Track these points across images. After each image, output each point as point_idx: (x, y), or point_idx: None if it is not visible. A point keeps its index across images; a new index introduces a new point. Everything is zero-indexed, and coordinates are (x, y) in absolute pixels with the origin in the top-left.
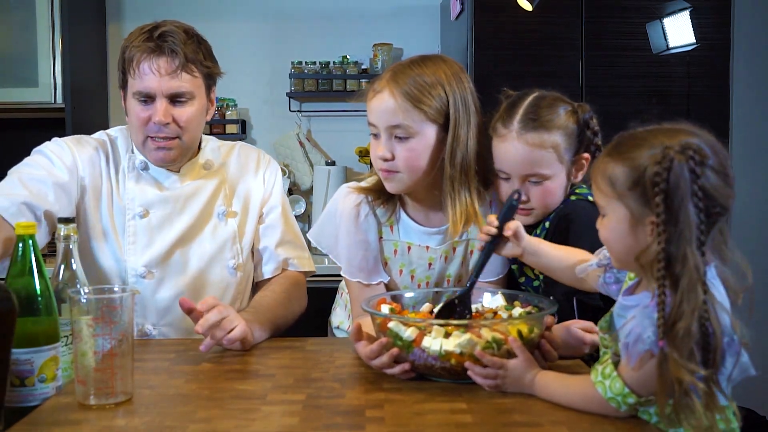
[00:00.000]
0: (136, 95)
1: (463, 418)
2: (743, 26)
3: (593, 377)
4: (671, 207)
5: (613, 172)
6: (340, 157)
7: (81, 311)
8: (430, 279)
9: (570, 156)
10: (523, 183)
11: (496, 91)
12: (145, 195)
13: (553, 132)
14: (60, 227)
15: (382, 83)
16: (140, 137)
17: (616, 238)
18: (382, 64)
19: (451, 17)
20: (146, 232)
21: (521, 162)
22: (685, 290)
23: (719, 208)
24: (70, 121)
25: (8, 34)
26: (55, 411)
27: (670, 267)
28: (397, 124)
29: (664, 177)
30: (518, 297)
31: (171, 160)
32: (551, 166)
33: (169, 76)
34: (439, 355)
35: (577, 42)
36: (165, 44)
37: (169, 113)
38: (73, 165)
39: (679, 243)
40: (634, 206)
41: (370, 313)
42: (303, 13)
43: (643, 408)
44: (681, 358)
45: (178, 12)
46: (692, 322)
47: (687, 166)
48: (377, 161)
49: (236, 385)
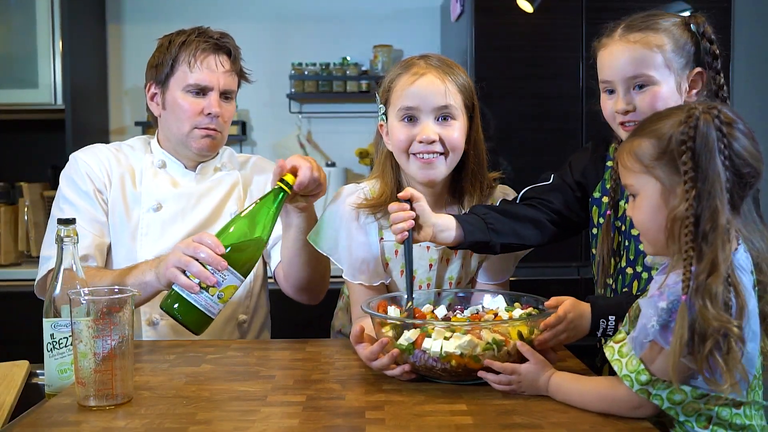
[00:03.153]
0: (190, 87)
1: (463, 419)
2: (743, 27)
3: (609, 355)
4: (699, 164)
5: (639, 148)
6: (340, 158)
7: (81, 313)
8: (431, 280)
9: (680, 65)
10: (627, 92)
11: (496, 93)
12: (160, 189)
13: (659, 33)
14: (60, 228)
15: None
16: (187, 127)
17: (650, 217)
18: (382, 65)
19: (451, 19)
20: (159, 225)
21: (624, 62)
22: (719, 244)
23: (750, 169)
24: (70, 122)
25: (8, 35)
26: (55, 412)
27: (699, 224)
28: (444, 105)
29: (691, 135)
30: (519, 298)
31: (213, 149)
32: (657, 68)
33: (228, 74)
34: (439, 356)
35: (577, 43)
36: (227, 44)
37: (220, 107)
38: (95, 188)
39: (709, 199)
40: (663, 176)
41: (371, 315)
42: (303, 14)
43: (656, 391)
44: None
45: (178, 13)
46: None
47: (713, 124)
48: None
49: (236, 387)
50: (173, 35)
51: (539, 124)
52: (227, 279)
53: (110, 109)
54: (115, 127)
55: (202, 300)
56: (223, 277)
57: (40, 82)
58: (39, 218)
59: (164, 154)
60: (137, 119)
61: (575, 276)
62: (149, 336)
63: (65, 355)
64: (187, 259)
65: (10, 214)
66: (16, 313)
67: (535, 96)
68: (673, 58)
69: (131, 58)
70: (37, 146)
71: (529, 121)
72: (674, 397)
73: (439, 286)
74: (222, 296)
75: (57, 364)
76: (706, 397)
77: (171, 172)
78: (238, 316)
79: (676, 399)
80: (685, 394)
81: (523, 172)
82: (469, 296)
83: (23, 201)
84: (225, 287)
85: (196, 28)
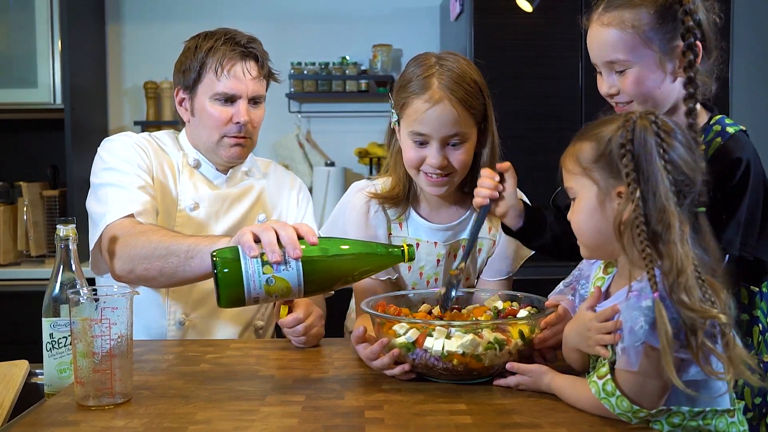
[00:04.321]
0: (218, 96)
1: (462, 419)
2: (742, 26)
3: (595, 393)
4: (640, 166)
5: (579, 151)
6: (339, 157)
7: (80, 312)
8: (438, 276)
9: (663, 40)
10: (609, 75)
11: (495, 93)
12: (198, 190)
13: (637, 8)
14: (59, 228)
15: (437, 93)
16: (215, 136)
17: (585, 219)
18: (381, 65)
19: (450, 18)
20: (194, 224)
21: (598, 47)
22: (676, 241)
23: (684, 178)
24: (69, 121)
25: (7, 34)
26: (54, 412)
27: (649, 224)
28: (455, 133)
29: (629, 138)
30: (517, 297)
31: (242, 157)
32: (632, 50)
33: (256, 80)
34: (441, 355)
35: (576, 42)
36: (254, 50)
37: (249, 114)
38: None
39: (656, 199)
40: (600, 179)
41: (370, 314)
42: (302, 13)
43: (654, 419)
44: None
45: (178, 12)
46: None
47: (651, 128)
48: (427, 167)
49: (235, 386)
50: (200, 39)
51: (538, 124)
52: (290, 270)
53: (109, 109)
54: (114, 126)
55: (250, 269)
56: (287, 265)
57: (39, 81)
58: (38, 218)
59: (198, 154)
60: (136, 119)
61: None
62: (174, 336)
63: (64, 355)
64: (268, 228)
65: (9, 213)
66: (15, 312)
67: (534, 96)
68: (652, 35)
69: (130, 58)
70: (36, 146)
71: (529, 121)
72: (673, 420)
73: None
74: (271, 282)
75: (56, 363)
76: (702, 413)
77: (204, 172)
78: (255, 323)
79: (675, 422)
80: (683, 415)
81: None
82: (469, 296)
83: (22, 200)
84: (280, 276)
85: (223, 31)
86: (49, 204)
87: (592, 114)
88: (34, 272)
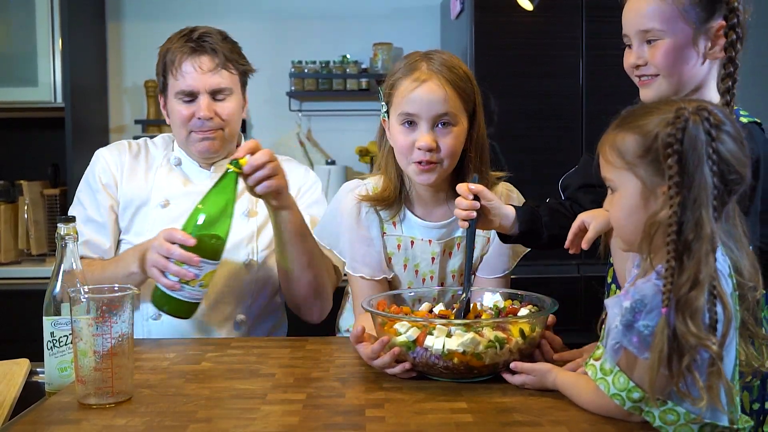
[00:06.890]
0: (179, 95)
1: (463, 417)
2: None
3: (591, 374)
4: (686, 170)
5: (622, 143)
6: (340, 156)
7: (81, 311)
8: (434, 274)
9: (699, 18)
10: (640, 46)
11: (495, 91)
12: (169, 187)
13: None
14: (60, 226)
15: (425, 73)
16: (183, 134)
17: (627, 215)
18: (382, 63)
19: (451, 17)
20: (165, 221)
21: (635, 16)
22: (702, 257)
23: (735, 176)
24: (70, 120)
25: (8, 33)
26: (55, 410)
27: (682, 233)
28: (444, 112)
29: (679, 138)
30: (518, 296)
31: (215, 151)
32: (668, 21)
33: (211, 73)
34: (442, 354)
35: (577, 41)
36: (205, 44)
37: (211, 108)
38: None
39: (694, 208)
40: (645, 176)
41: (371, 313)
42: (303, 12)
43: (648, 408)
44: (695, 327)
45: (177, 12)
46: (704, 292)
47: (702, 126)
48: (417, 153)
49: (236, 385)
50: (165, 42)
51: (539, 123)
52: (204, 269)
53: (110, 107)
54: (114, 125)
55: (186, 293)
56: (199, 269)
57: (39, 80)
58: (39, 216)
59: (181, 152)
60: (137, 117)
61: (575, 274)
62: (149, 330)
63: (65, 353)
64: (163, 261)
65: (9, 212)
66: (17, 311)
67: (534, 94)
68: (690, 9)
69: (131, 57)
70: (37, 144)
71: (529, 120)
72: (667, 417)
73: (441, 279)
74: (203, 284)
75: (57, 362)
76: (698, 421)
77: (186, 170)
78: (236, 317)
79: (669, 419)
80: (678, 415)
81: (521, 171)
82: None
83: (23, 199)
84: (203, 276)
85: (185, 30)
86: (49, 203)
87: (593, 112)
88: (35, 271)
